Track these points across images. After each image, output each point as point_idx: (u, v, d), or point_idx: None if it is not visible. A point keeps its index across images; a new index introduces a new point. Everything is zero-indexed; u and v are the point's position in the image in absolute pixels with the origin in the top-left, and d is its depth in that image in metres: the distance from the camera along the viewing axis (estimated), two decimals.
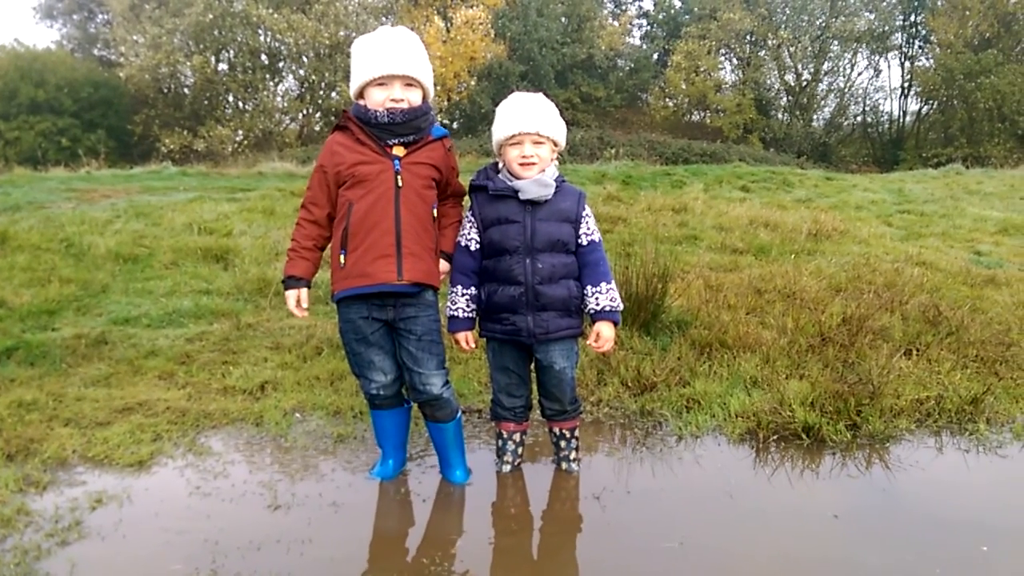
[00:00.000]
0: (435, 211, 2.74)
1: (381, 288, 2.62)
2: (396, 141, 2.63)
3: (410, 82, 2.63)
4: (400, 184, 2.61)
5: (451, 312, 2.82)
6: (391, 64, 2.59)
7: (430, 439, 3.00)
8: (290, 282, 2.73)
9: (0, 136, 20.90)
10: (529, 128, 2.67)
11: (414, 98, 2.64)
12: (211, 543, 2.52)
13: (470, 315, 2.82)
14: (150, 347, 4.40)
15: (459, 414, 2.90)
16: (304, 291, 2.74)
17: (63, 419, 3.44)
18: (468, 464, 3.00)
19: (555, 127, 2.73)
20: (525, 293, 2.71)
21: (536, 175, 2.70)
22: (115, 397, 3.69)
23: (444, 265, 2.82)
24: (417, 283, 2.65)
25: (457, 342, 2.86)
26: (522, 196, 2.69)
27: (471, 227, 2.80)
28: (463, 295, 2.80)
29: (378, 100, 2.62)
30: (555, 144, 2.76)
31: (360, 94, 2.68)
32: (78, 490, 2.86)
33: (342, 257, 2.65)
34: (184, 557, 2.44)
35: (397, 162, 2.62)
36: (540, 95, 2.78)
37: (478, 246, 2.78)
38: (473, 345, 2.88)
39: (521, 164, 2.70)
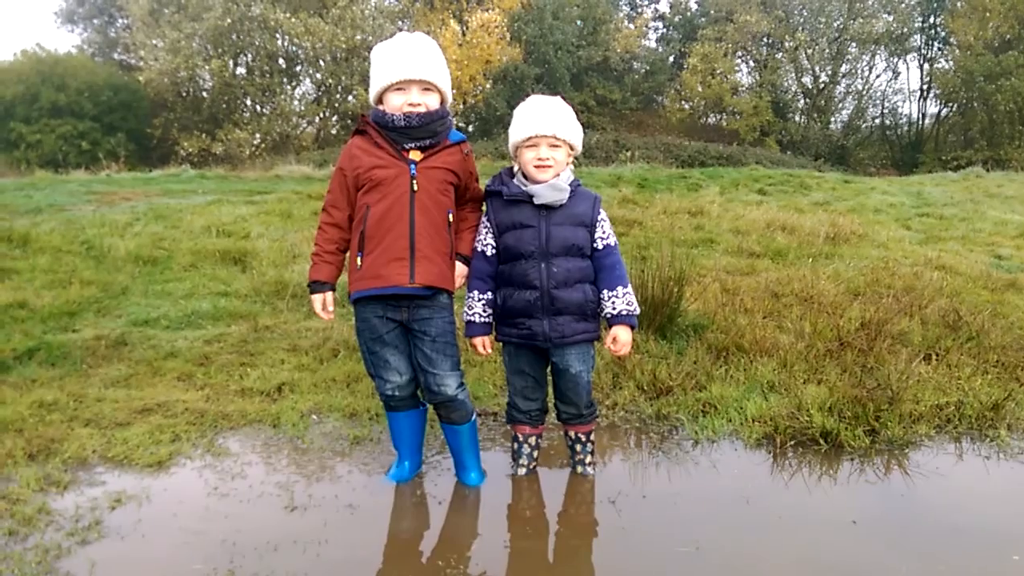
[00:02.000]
0: (451, 216, 2.76)
1: (393, 290, 2.65)
2: (413, 145, 2.66)
3: (427, 86, 2.66)
4: (415, 188, 2.64)
5: (467, 317, 2.83)
6: (409, 69, 2.62)
7: (445, 441, 3.01)
8: (315, 287, 2.77)
9: (22, 139, 21.16)
10: (546, 131, 2.67)
11: (431, 102, 2.67)
12: (229, 543, 2.54)
13: (487, 320, 2.83)
14: (169, 348, 4.44)
15: (474, 416, 2.90)
16: (329, 295, 2.79)
17: (83, 419, 3.48)
18: (483, 467, 3.01)
19: (572, 131, 2.73)
20: (541, 297, 2.71)
21: (551, 178, 2.70)
22: (134, 398, 3.72)
23: (461, 268, 2.83)
24: (429, 286, 2.67)
25: (474, 346, 2.87)
26: (537, 201, 2.69)
27: (487, 232, 2.80)
28: (479, 300, 2.81)
29: (396, 105, 2.64)
30: (571, 148, 2.76)
31: (379, 99, 2.70)
32: (98, 490, 2.90)
33: (358, 259, 2.69)
34: (202, 557, 2.46)
35: (413, 166, 2.65)
36: (558, 98, 2.79)
37: (494, 251, 2.79)
38: (489, 350, 2.88)
39: (536, 166, 2.70)
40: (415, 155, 2.66)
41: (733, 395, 3.66)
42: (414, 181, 2.64)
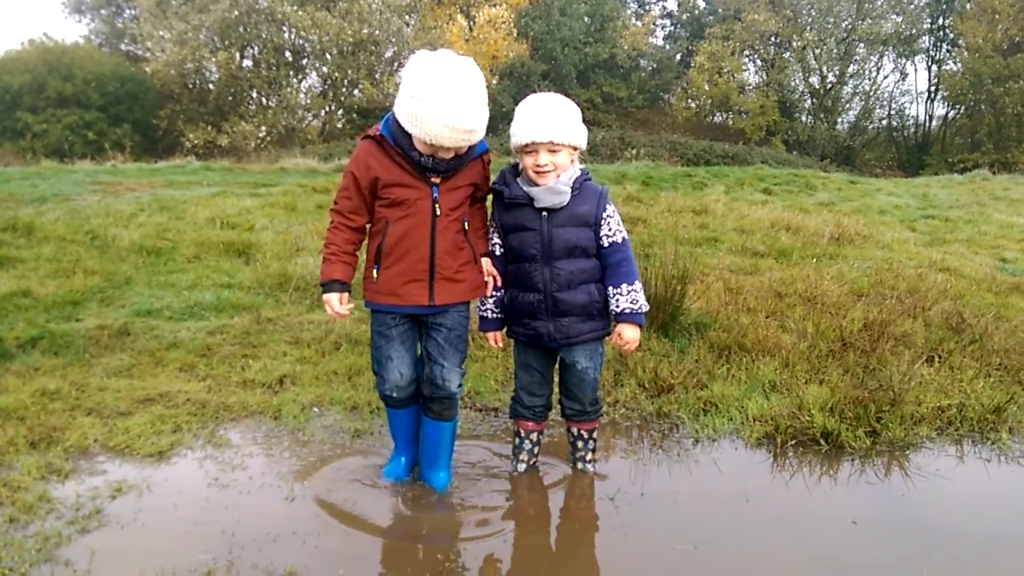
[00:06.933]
0: (466, 224, 2.69)
1: (413, 311, 2.66)
2: (435, 173, 2.56)
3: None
4: (438, 213, 2.57)
5: (481, 312, 2.86)
6: (453, 138, 2.42)
7: (423, 438, 2.88)
8: (332, 286, 2.65)
9: (28, 129, 21.20)
10: (542, 138, 2.58)
11: (463, 148, 2.53)
12: (228, 534, 2.54)
13: (499, 316, 2.85)
14: (172, 339, 4.45)
15: (458, 417, 2.89)
16: (346, 294, 2.67)
17: (85, 408, 3.49)
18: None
19: (571, 133, 2.62)
20: (544, 300, 2.70)
21: (552, 182, 2.65)
22: (137, 388, 3.73)
23: (487, 263, 2.79)
24: (449, 304, 2.67)
25: (486, 339, 2.91)
26: (537, 204, 2.65)
27: (493, 231, 2.80)
28: (492, 297, 2.83)
29: (425, 149, 2.50)
30: (573, 149, 2.67)
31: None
32: (99, 479, 2.91)
33: (374, 271, 2.64)
34: (202, 547, 2.46)
35: (435, 189, 2.56)
36: (558, 98, 2.67)
37: (502, 250, 2.79)
38: (501, 344, 2.91)
39: (536, 172, 2.64)
40: (436, 179, 2.56)
41: (734, 394, 3.66)
42: (436, 205, 2.56)
